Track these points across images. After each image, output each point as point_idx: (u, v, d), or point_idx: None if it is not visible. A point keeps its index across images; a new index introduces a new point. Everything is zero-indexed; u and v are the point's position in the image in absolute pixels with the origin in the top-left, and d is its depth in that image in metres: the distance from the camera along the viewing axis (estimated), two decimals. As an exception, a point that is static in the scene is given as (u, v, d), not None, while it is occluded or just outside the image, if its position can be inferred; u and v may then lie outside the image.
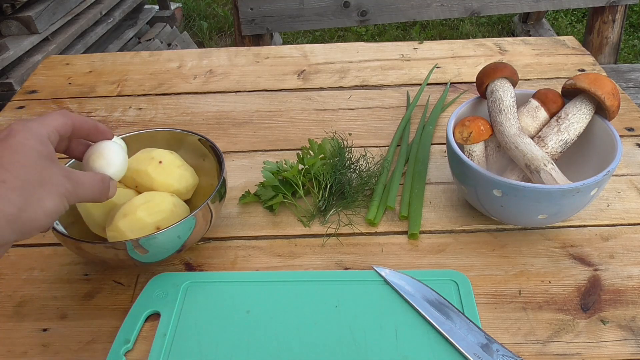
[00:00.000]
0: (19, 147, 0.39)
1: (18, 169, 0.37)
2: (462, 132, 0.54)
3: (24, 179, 0.37)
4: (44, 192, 0.38)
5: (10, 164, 0.37)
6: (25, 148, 0.39)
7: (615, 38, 1.76)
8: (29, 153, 0.39)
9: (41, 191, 0.38)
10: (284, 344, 0.46)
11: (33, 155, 0.39)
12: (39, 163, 0.39)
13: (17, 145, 0.39)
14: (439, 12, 1.63)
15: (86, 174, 0.43)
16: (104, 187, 0.45)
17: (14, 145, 0.39)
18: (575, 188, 0.48)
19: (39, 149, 0.40)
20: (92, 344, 0.48)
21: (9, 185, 0.36)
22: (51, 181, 0.39)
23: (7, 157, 0.38)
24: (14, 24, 1.91)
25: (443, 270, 0.52)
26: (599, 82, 0.52)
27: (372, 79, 0.86)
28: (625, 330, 0.47)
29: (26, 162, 0.38)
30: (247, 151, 0.71)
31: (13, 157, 0.38)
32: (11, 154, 0.38)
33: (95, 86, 0.87)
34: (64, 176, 0.40)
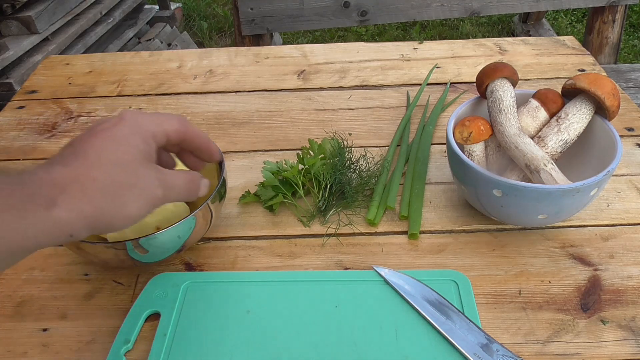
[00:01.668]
0: (122, 140, 0.38)
1: (112, 167, 0.36)
2: (462, 132, 0.54)
3: (115, 179, 0.36)
4: (131, 196, 0.37)
5: (107, 160, 0.36)
6: (127, 143, 0.38)
7: (615, 38, 1.76)
8: (129, 150, 0.38)
9: (129, 195, 0.37)
10: (284, 344, 0.46)
11: (132, 153, 0.38)
12: (135, 162, 0.38)
13: (121, 139, 0.38)
14: (439, 12, 1.63)
15: (178, 174, 0.42)
16: (194, 188, 0.43)
17: (119, 138, 0.38)
18: (575, 188, 0.48)
19: (140, 147, 0.38)
20: (92, 344, 0.48)
21: (98, 185, 0.35)
22: (143, 185, 0.38)
23: (106, 152, 0.36)
24: (14, 24, 1.91)
25: (443, 270, 0.52)
26: (599, 82, 0.52)
27: (372, 79, 0.86)
28: (625, 330, 0.47)
29: (123, 160, 0.37)
30: (247, 151, 0.71)
31: (111, 152, 0.37)
32: (111, 148, 0.37)
33: (95, 86, 0.87)
34: (157, 179, 0.39)
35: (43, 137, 0.76)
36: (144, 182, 0.38)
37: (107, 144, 0.37)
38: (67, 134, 0.76)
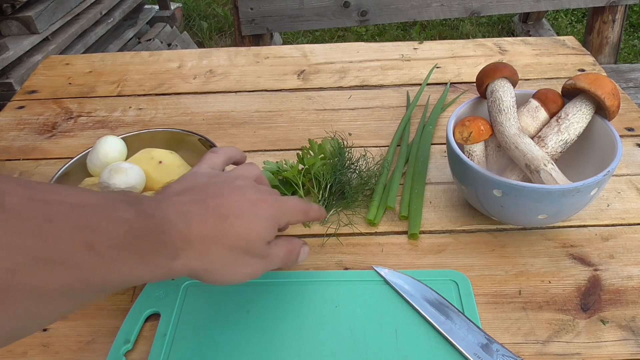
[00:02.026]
0: (257, 222, 0.40)
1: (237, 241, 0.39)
2: (462, 132, 0.54)
3: (234, 253, 0.39)
4: (238, 271, 0.41)
5: (235, 233, 0.39)
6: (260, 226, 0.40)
7: (615, 38, 1.76)
8: (259, 233, 0.40)
9: (236, 269, 0.40)
10: (284, 344, 0.46)
11: (260, 237, 0.40)
12: (256, 245, 0.40)
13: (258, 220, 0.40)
14: (439, 12, 1.63)
15: (281, 247, 0.44)
16: (293, 258, 0.46)
17: (258, 217, 0.40)
18: (575, 188, 0.48)
19: (267, 235, 0.41)
20: (92, 344, 0.48)
21: (218, 252, 0.38)
22: (252, 266, 0.41)
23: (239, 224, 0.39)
24: (14, 24, 1.91)
25: (443, 270, 0.52)
26: (599, 82, 0.52)
27: (372, 79, 0.86)
28: (625, 330, 0.47)
29: (249, 240, 0.40)
30: (247, 151, 0.71)
31: (244, 228, 0.39)
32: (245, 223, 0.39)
33: (95, 86, 0.87)
34: (263, 258, 0.42)
35: (43, 137, 0.76)
36: (256, 262, 0.41)
37: (247, 217, 0.39)
38: (67, 134, 0.76)
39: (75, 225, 0.28)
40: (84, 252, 0.28)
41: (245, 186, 0.42)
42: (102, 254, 0.29)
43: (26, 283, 0.25)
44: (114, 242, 0.30)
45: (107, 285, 0.31)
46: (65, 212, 0.28)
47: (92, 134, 0.76)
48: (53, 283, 0.27)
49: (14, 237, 0.25)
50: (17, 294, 0.25)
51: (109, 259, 0.29)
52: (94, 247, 0.28)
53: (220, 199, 0.39)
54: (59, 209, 0.28)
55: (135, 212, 0.32)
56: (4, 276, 0.24)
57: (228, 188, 0.40)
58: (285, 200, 0.44)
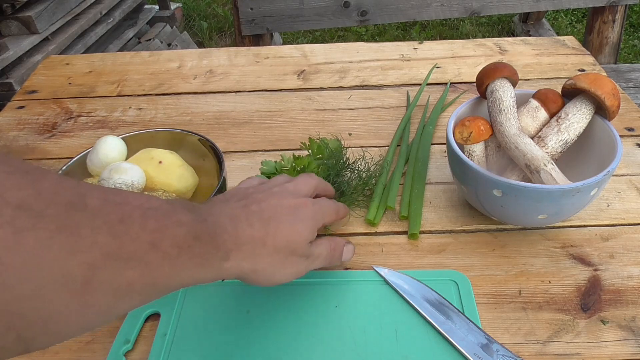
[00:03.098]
0: (300, 223, 0.42)
1: (282, 242, 0.41)
2: (462, 132, 0.54)
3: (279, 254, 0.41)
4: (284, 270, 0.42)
5: (282, 235, 0.40)
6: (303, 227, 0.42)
7: (615, 38, 1.76)
8: (302, 234, 0.42)
9: (282, 269, 0.42)
10: (283, 344, 0.46)
11: (302, 237, 0.42)
12: (300, 245, 0.42)
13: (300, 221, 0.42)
14: (439, 12, 1.63)
15: (324, 245, 0.46)
16: (337, 256, 0.48)
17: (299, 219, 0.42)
18: (575, 188, 0.48)
19: (308, 236, 0.43)
20: (92, 344, 0.48)
21: (265, 252, 0.39)
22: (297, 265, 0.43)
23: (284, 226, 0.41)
24: (14, 24, 1.91)
25: (443, 270, 0.52)
26: (599, 82, 0.52)
27: (372, 79, 0.86)
28: (625, 330, 0.47)
29: (292, 240, 0.41)
30: (247, 151, 0.71)
31: (288, 229, 0.41)
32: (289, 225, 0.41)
33: (95, 86, 0.87)
34: (307, 257, 0.43)
35: (43, 137, 0.76)
36: (300, 262, 0.43)
37: (289, 220, 0.41)
38: (67, 134, 0.76)
39: (143, 227, 0.30)
40: (150, 251, 0.30)
41: (281, 192, 0.44)
42: (165, 253, 0.31)
43: (104, 278, 0.27)
44: (175, 243, 0.31)
45: (169, 285, 0.32)
46: (134, 214, 0.30)
47: (92, 134, 0.76)
48: (124, 280, 0.28)
49: (94, 235, 0.26)
50: (96, 288, 0.26)
51: (171, 258, 0.31)
52: (158, 247, 0.30)
53: (261, 204, 0.41)
54: (129, 211, 0.29)
55: (193, 216, 0.34)
56: (86, 271, 0.26)
57: (266, 194, 0.43)
58: (320, 201, 0.46)
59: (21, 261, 0.23)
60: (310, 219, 0.43)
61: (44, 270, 0.24)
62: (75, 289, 0.25)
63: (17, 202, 0.23)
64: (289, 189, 0.45)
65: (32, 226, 0.23)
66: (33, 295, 0.24)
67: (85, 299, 0.26)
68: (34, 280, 0.23)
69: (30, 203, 0.24)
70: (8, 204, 0.23)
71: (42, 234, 0.24)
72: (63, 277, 0.25)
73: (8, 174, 0.24)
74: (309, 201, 0.44)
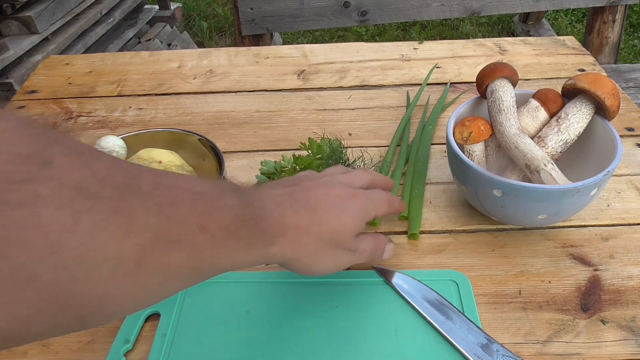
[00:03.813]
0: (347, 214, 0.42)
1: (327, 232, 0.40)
2: (462, 132, 0.54)
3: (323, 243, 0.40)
4: (327, 260, 0.42)
5: (327, 225, 0.40)
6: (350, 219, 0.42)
7: (615, 38, 1.76)
8: (348, 225, 0.42)
9: (324, 259, 0.41)
10: (283, 344, 0.46)
11: (348, 228, 0.42)
12: (345, 237, 0.42)
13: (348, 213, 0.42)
14: (439, 12, 1.63)
15: (368, 241, 0.46)
16: (379, 253, 0.48)
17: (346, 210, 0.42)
18: (575, 188, 0.48)
19: (355, 228, 0.43)
20: (92, 344, 0.48)
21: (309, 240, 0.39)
22: (341, 256, 0.43)
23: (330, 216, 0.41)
24: (14, 24, 1.91)
25: (443, 270, 0.52)
26: (599, 82, 0.52)
27: (372, 79, 0.86)
28: (625, 330, 0.47)
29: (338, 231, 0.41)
30: (247, 151, 0.71)
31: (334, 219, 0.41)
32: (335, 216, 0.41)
33: (95, 86, 0.87)
34: (351, 251, 0.43)
35: (43, 137, 0.76)
36: (344, 255, 0.43)
37: (336, 210, 0.41)
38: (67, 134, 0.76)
39: (192, 209, 0.30)
40: (198, 234, 0.30)
41: (332, 182, 0.44)
42: (213, 236, 0.31)
43: (154, 260, 0.27)
44: (223, 227, 0.32)
45: (215, 268, 0.33)
46: (184, 197, 0.30)
47: (92, 134, 0.76)
48: (173, 262, 0.28)
49: (146, 217, 0.27)
50: (147, 269, 0.27)
51: (219, 241, 0.31)
52: (207, 230, 0.30)
53: (308, 192, 0.41)
54: (179, 194, 0.30)
55: (240, 200, 0.34)
56: (138, 252, 0.26)
57: (315, 183, 0.43)
58: (370, 193, 0.45)
59: (78, 242, 0.23)
60: (358, 211, 0.42)
61: (99, 251, 0.24)
62: (127, 270, 0.26)
63: (75, 183, 0.24)
64: (341, 179, 0.45)
65: (89, 208, 0.24)
66: (88, 275, 0.24)
67: (136, 279, 0.27)
68: (89, 261, 0.24)
69: (86, 185, 0.24)
70: (66, 185, 0.23)
71: (98, 216, 0.24)
72: (116, 259, 0.25)
73: (64, 155, 0.24)
74: (358, 192, 0.44)
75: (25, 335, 0.23)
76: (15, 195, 0.21)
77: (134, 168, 0.28)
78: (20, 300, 0.22)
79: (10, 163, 0.22)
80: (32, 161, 0.22)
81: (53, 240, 0.22)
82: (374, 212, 0.45)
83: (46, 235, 0.22)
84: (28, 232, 0.22)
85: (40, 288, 0.22)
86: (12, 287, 0.21)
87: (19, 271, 0.21)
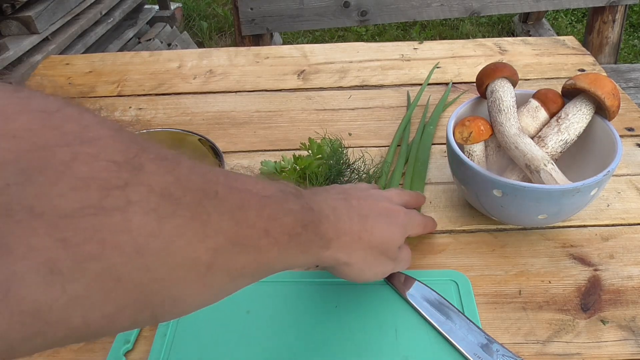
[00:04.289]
0: (394, 226, 0.44)
1: (376, 240, 0.42)
2: (462, 132, 0.54)
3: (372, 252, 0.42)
4: (372, 268, 0.43)
5: (378, 233, 0.42)
6: (396, 230, 0.44)
7: (615, 38, 1.76)
8: (393, 237, 0.44)
9: (369, 268, 0.43)
10: (284, 344, 0.46)
11: (393, 240, 0.44)
12: (389, 247, 0.44)
13: (395, 225, 0.44)
14: (439, 12, 1.63)
15: (408, 251, 0.49)
16: (410, 263, 0.50)
17: (394, 223, 0.44)
18: (575, 188, 0.48)
19: (398, 240, 0.45)
20: (92, 344, 0.48)
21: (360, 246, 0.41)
22: (385, 265, 0.44)
23: (380, 226, 0.42)
24: (14, 24, 1.91)
25: (443, 270, 0.52)
26: (599, 82, 0.52)
27: (372, 79, 0.86)
28: (625, 330, 0.47)
29: (385, 241, 0.43)
30: (247, 151, 0.71)
31: (383, 229, 0.43)
32: (385, 226, 0.43)
33: (95, 86, 0.87)
34: (393, 261, 0.45)
35: (43, 137, 0.76)
36: (388, 263, 0.45)
37: (385, 221, 0.43)
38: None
39: (259, 214, 0.31)
40: (263, 237, 0.31)
41: (377, 195, 0.46)
42: (275, 240, 0.32)
43: (223, 262, 0.28)
44: (285, 231, 0.33)
45: (274, 268, 0.34)
46: (252, 201, 0.31)
47: (92, 134, 0.75)
48: (239, 264, 0.30)
49: (220, 222, 0.28)
50: (216, 271, 0.28)
51: (280, 244, 0.32)
52: (270, 234, 0.32)
53: (360, 201, 0.43)
54: (248, 198, 0.31)
55: (301, 204, 0.35)
56: (211, 255, 0.27)
57: (364, 194, 0.45)
58: (410, 212, 0.48)
59: (161, 246, 0.24)
60: (402, 225, 0.45)
61: (177, 254, 0.25)
62: (200, 272, 0.27)
63: (161, 189, 0.25)
64: (384, 194, 0.47)
65: (172, 213, 0.25)
66: (167, 277, 0.25)
67: (206, 280, 0.28)
68: (168, 264, 0.25)
69: (171, 190, 0.25)
70: (153, 191, 0.24)
71: (179, 221, 0.25)
72: (192, 261, 0.26)
73: (152, 162, 0.25)
74: (401, 209, 0.46)
75: (109, 330, 0.25)
76: (110, 201, 0.23)
77: (210, 173, 0.29)
78: (110, 299, 0.23)
79: (107, 170, 0.23)
80: (125, 168, 0.24)
81: (140, 244, 0.24)
82: (411, 230, 0.47)
83: (134, 239, 0.23)
84: (119, 236, 0.23)
85: (126, 288, 0.24)
86: (103, 286, 0.23)
87: (109, 272, 0.23)
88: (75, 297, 0.22)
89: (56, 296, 0.21)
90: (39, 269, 0.21)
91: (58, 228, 0.21)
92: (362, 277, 0.43)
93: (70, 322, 0.22)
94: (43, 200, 0.21)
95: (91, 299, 0.23)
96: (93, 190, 0.22)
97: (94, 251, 0.22)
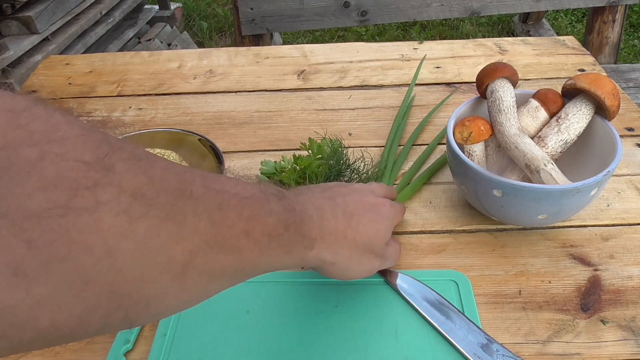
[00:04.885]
0: (380, 221, 0.44)
1: (362, 237, 0.42)
2: (462, 132, 0.54)
3: (357, 249, 0.42)
4: (358, 266, 0.43)
5: (363, 230, 0.42)
6: (383, 226, 0.44)
7: (615, 38, 1.76)
8: (380, 231, 0.44)
9: (357, 264, 0.43)
10: (284, 344, 0.46)
11: (380, 236, 0.44)
12: (377, 242, 0.43)
13: (381, 220, 0.44)
14: (439, 12, 1.63)
15: (395, 247, 0.48)
16: (398, 258, 0.50)
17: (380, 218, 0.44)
18: (575, 188, 0.48)
19: (385, 235, 0.45)
20: (92, 344, 0.48)
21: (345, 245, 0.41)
22: (371, 264, 0.44)
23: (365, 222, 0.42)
24: (14, 24, 1.91)
25: (443, 270, 0.52)
26: (599, 82, 0.52)
27: (372, 79, 0.86)
28: (625, 330, 0.47)
29: (371, 237, 0.43)
30: (247, 151, 0.71)
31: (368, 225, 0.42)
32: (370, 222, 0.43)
33: (95, 86, 0.87)
34: (380, 257, 0.45)
35: (43, 137, 0.76)
36: (374, 260, 0.44)
37: (370, 217, 0.43)
38: (67, 134, 0.76)
39: (238, 214, 0.31)
40: (243, 238, 0.31)
41: (363, 189, 0.46)
42: (256, 241, 0.32)
43: (201, 264, 0.28)
44: (266, 232, 0.32)
45: (254, 270, 0.33)
46: (231, 202, 0.31)
47: (92, 134, 0.75)
48: (218, 265, 0.29)
49: (196, 223, 0.27)
50: (194, 272, 0.28)
51: (261, 246, 0.32)
52: (251, 235, 0.31)
53: (345, 197, 0.43)
54: (227, 199, 0.30)
55: (283, 205, 0.35)
56: (187, 256, 0.27)
57: (349, 189, 0.44)
58: (392, 203, 0.47)
59: (133, 247, 0.24)
60: (389, 218, 0.45)
61: (151, 255, 0.25)
62: (175, 273, 0.27)
63: (133, 189, 0.24)
64: (368, 187, 0.47)
65: (144, 214, 0.25)
66: (140, 278, 0.25)
67: (183, 282, 0.27)
68: (141, 265, 0.25)
69: (143, 191, 0.25)
70: (124, 192, 0.24)
71: (152, 222, 0.25)
72: (167, 263, 0.26)
73: (124, 162, 0.25)
74: (387, 201, 0.46)
75: (81, 332, 0.24)
76: (78, 201, 0.22)
77: (186, 173, 0.29)
78: (79, 300, 0.23)
79: (75, 169, 0.23)
80: (95, 168, 0.23)
81: (110, 245, 0.23)
82: (397, 220, 0.47)
83: (104, 240, 0.23)
84: (88, 237, 0.22)
85: (96, 289, 0.23)
86: (71, 287, 0.22)
87: (78, 273, 0.22)
88: (41, 299, 0.21)
89: (20, 298, 0.21)
90: (2, 271, 0.20)
91: (23, 228, 0.21)
92: (348, 275, 0.43)
93: (37, 323, 0.22)
94: (8, 200, 0.21)
95: (58, 300, 0.22)
96: (60, 190, 0.22)
97: (60, 252, 0.22)
